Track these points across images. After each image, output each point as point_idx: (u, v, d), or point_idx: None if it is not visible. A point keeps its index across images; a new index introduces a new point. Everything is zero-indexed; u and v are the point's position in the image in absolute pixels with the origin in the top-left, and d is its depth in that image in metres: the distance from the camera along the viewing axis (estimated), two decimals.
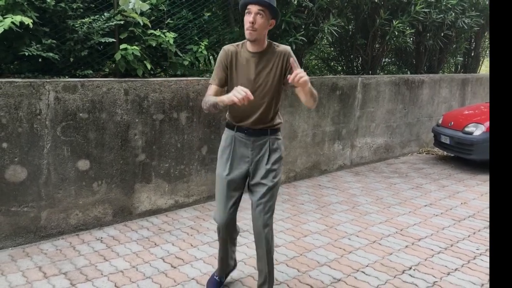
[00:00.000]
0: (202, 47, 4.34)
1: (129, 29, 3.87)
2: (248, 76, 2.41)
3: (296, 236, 3.68)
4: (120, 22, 3.76)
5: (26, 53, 3.29)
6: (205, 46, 4.39)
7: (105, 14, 3.75)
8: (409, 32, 6.29)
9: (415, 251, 3.45)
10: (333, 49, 7.32)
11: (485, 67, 9.59)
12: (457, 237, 3.75)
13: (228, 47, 2.47)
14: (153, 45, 3.99)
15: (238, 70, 2.43)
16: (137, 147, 3.84)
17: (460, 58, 8.70)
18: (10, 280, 2.84)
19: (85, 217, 3.64)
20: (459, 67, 9.06)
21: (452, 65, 9.13)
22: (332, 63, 7.72)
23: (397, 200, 4.71)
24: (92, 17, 3.69)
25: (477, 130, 5.93)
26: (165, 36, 4.01)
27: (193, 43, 4.42)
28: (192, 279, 2.94)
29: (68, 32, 3.59)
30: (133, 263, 3.13)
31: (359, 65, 6.86)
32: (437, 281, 2.98)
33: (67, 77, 3.62)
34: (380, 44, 6.58)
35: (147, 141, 3.90)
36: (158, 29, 4.09)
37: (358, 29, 6.34)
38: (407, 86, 6.68)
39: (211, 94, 2.44)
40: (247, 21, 2.30)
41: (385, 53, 7.06)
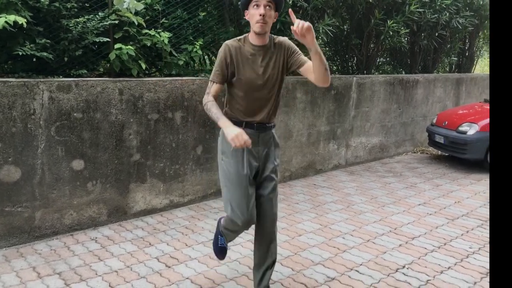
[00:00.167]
0: (197, 47, 4.34)
1: (124, 28, 3.87)
2: (255, 70, 2.38)
3: (290, 236, 3.69)
4: (115, 22, 3.75)
5: (20, 53, 3.28)
6: (200, 45, 4.39)
7: (100, 13, 3.75)
8: (403, 32, 6.32)
9: (409, 249, 3.48)
10: (328, 49, 7.33)
11: (479, 67, 9.65)
12: (451, 235, 3.78)
13: (230, 42, 2.40)
14: (148, 44, 3.99)
15: (244, 65, 2.38)
16: (132, 147, 3.84)
17: (455, 58, 8.74)
18: (4, 280, 2.83)
19: (80, 217, 3.63)
20: (454, 67, 9.11)
21: (447, 65, 9.17)
22: (327, 62, 7.73)
23: (392, 199, 4.73)
24: (86, 17, 3.68)
25: (471, 130, 5.96)
26: (160, 36, 4.01)
27: (188, 43, 4.42)
28: (187, 278, 2.94)
29: (62, 32, 3.58)
30: (128, 263, 3.13)
31: (354, 65, 6.88)
32: (430, 280, 3.00)
33: (61, 76, 3.61)
34: (375, 44, 6.60)
35: (142, 140, 3.90)
36: (153, 29, 4.09)
37: (353, 29, 6.36)
38: (401, 86, 6.71)
39: (213, 93, 2.38)
40: (257, 14, 2.26)
41: (379, 53, 7.09)
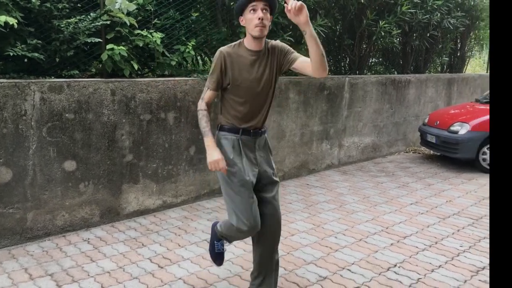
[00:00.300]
0: (190, 47, 4.34)
1: (116, 29, 3.86)
2: (252, 76, 2.38)
3: (283, 235, 3.69)
4: (107, 22, 3.74)
5: (11, 53, 3.27)
6: (193, 46, 4.38)
7: (91, 14, 3.74)
8: (395, 33, 6.36)
9: (400, 248, 3.50)
10: None
11: (470, 67, 9.73)
12: (442, 234, 3.81)
13: (225, 49, 2.40)
14: (140, 45, 3.98)
15: (241, 72, 2.37)
16: (124, 148, 3.83)
17: (446, 58, 8.81)
18: None
19: (72, 218, 3.62)
20: (445, 67, 9.18)
21: (438, 65, 9.24)
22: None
23: (384, 199, 4.77)
24: (78, 17, 3.67)
25: (462, 129, 6.02)
26: (152, 36, 4.00)
27: (180, 43, 4.42)
28: (179, 279, 2.95)
29: (54, 32, 3.57)
30: (120, 264, 3.13)
31: (347, 65, 6.91)
32: (421, 278, 3.03)
33: (53, 77, 3.60)
34: (367, 44, 6.64)
35: (135, 141, 3.89)
36: (145, 29, 4.08)
37: (345, 30, 6.39)
38: (394, 86, 6.76)
39: (206, 99, 2.43)
40: (255, 18, 2.25)
41: (372, 53, 7.13)
